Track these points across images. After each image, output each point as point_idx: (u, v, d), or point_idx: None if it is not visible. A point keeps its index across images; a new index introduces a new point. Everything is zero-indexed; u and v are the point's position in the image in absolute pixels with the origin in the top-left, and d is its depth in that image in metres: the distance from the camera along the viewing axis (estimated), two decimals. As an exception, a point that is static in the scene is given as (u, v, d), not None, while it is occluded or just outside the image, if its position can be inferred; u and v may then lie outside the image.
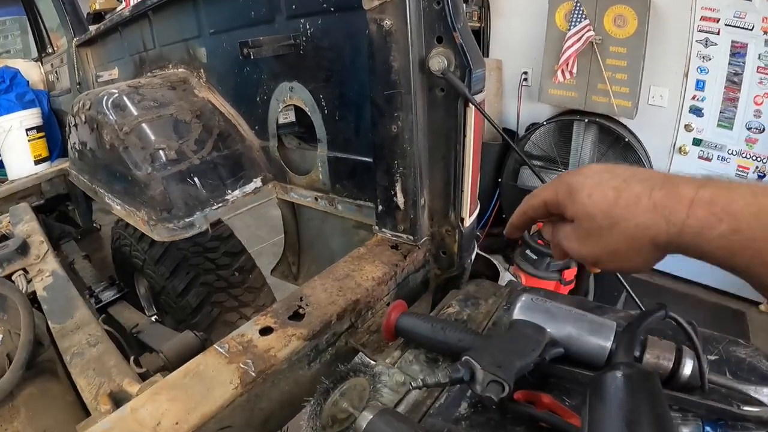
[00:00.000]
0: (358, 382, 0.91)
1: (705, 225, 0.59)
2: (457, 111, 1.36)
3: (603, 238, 0.70)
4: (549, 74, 4.61)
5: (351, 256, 1.49)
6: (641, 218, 0.65)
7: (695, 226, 0.60)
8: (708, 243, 0.59)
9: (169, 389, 0.99)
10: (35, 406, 1.43)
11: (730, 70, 4.03)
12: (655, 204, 0.64)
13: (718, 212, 0.58)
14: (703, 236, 0.59)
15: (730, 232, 0.57)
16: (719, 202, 0.59)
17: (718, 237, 0.58)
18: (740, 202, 0.57)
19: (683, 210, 0.61)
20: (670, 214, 0.62)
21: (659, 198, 0.64)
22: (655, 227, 0.64)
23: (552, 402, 0.91)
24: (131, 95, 2.03)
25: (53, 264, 2.01)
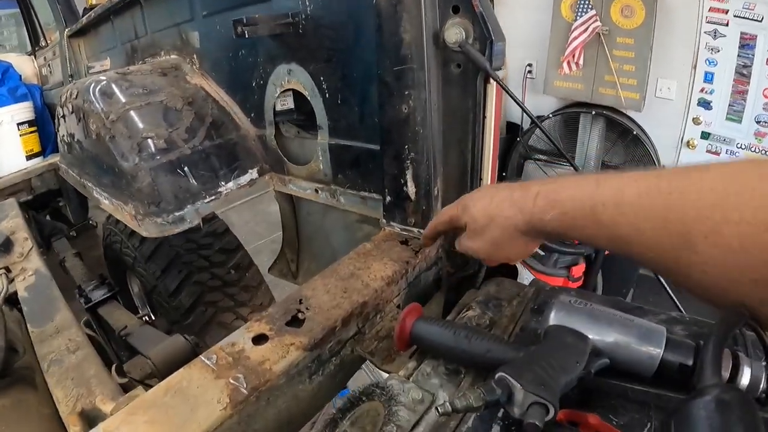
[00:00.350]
0: (371, 407, 0.77)
1: (544, 210, 0.81)
2: (476, 88, 1.24)
3: (485, 232, 0.94)
4: (554, 66, 4.51)
5: (356, 252, 1.35)
6: (506, 213, 0.88)
7: (538, 212, 0.82)
8: (547, 224, 0.81)
9: (147, 409, 0.84)
10: (8, 419, 1.31)
11: (739, 62, 3.90)
12: (514, 201, 0.87)
13: (551, 201, 0.80)
14: (544, 219, 0.81)
15: (560, 214, 0.78)
16: (552, 194, 0.80)
17: (551, 219, 0.80)
18: (565, 193, 0.78)
19: (530, 202, 0.83)
20: (523, 206, 0.85)
21: (517, 196, 0.87)
22: (515, 217, 0.87)
23: (600, 423, 0.78)
24: (119, 82, 1.92)
25: (37, 262, 1.91)
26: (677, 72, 4.13)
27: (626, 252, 0.72)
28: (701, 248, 0.59)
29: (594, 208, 0.72)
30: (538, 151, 4.88)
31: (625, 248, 0.71)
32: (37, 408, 1.33)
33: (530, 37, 4.76)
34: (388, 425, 0.78)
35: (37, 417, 1.31)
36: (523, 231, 0.87)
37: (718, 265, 0.58)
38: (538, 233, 0.86)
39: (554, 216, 0.79)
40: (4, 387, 1.35)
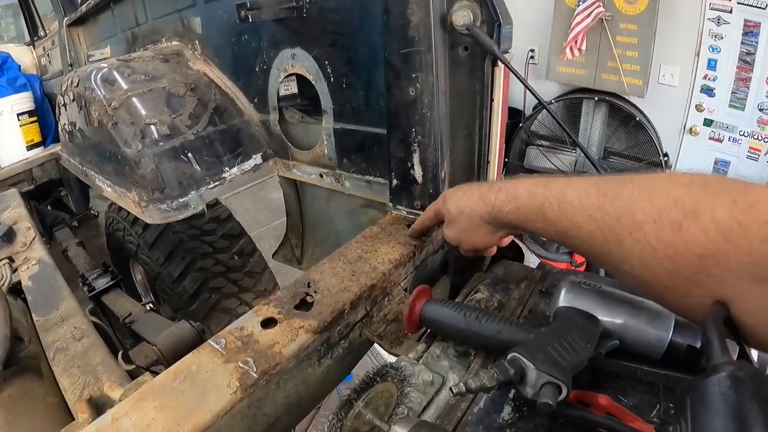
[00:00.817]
0: (385, 388, 0.76)
1: (503, 203, 0.92)
2: (484, 72, 1.23)
3: (457, 222, 1.06)
4: (557, 52, 4.48)
5: (363, 235, 1.33)
6: (473, 205, 1.00)
7: (498, 205, 0.93)
8: (505, 215, 0.93)
9: (156, 394, 0.83)
10: (15, 408, 1.29)
11: (742, 49, 3.87)
12: (481, 195, 0.99)
13: (509, 196, 0.91)
14: (503, 211, 0.93)
15: (516, 208, 0.90)
16: (511, 189, 0.91)
17: (508, 212, 0.91)
18: (521, 189, 0.89)
19: (493, 196, 0.95)
20: (486, 199, 0.96)
21: (483, 191, 0.99)
22: (479, 209, 0.98)
23: (611, 404, 0.78)
24: (121, 69, 1.90)
25: (40, 251, 1.89)
26: (680, 58, 4.10)
27: (569, 245, 0.81)
28: (627, 244, 0.67)
29: (542, 204, 0.82)
30: (541, 137, 4.85)
31: (568, 241, 0.80)
32: (44, 397, 1.32)
33: (532, 23, 4.73)
34: (400, 407, 0.78)
35: (43, 406, 1.30)
36: (486, 221, 0.98)
37: (640, 258, 0.65)
38: (499, 223, 0.97)
39: (510, 209, 0.91)
40: (10, 377, 1.34)
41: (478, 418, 0.82)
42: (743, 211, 0.56)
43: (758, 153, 4.06)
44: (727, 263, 0.57)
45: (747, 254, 0.55)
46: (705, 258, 0.59)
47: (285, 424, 0.99)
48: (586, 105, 4.47)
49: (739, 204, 0.57)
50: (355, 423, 0.70)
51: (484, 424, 0.81)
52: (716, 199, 0.59)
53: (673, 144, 4.38)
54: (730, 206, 0.57)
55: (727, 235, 0.57)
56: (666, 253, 0.62)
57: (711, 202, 0.59)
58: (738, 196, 0.58)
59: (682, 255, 0.61)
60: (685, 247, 0.60)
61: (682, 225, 0.61)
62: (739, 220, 0.56)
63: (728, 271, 0.57)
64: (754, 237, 0.55)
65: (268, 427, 0.93)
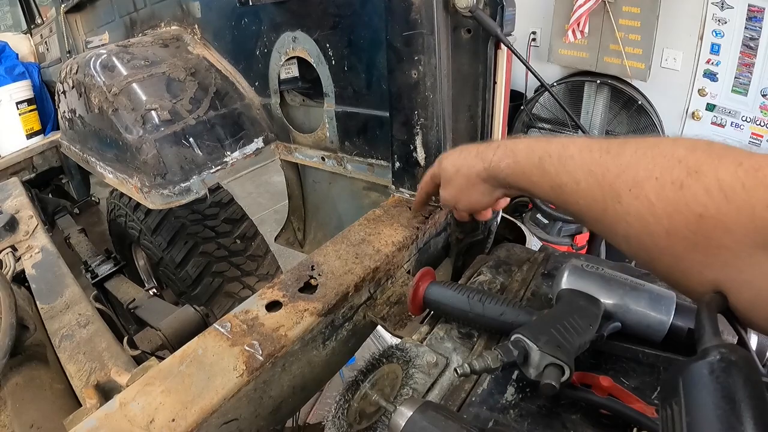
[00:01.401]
0: (390, 370, 0.76)
1: (501, 159, 0.92)
2: (486, 54, 1.23)
3: (454, 181, 1.05)
4: (559, 34, 4.48)
5: (366, 218, 1.33)
6: (470, 162, 0.99)
7: (496, 161, 0.93)
8: (502, 171, 0.92)
9: (164, 379, 0.84)
10: (22, 396, 1.29)
11: (746, 34, 3.87)
12: (479, 152, 0.98)
13: (508, 151, 0.91)
14: (500, 167, 0.92)
15: (513, 162, 0.89)
16: (510, 145, 0.91)
17: (506, 166, 0.90)
18: (520, 146, 0.88)
19: (491, 153, 0.94)
20: (484, 156, 0.96)
21: (481, 149, 0.98)
22: (476, 166, 0.98)
23: (612, 385, 0.78)
24: (120, 55, 1.89)
25: (43, 239, 1.89)
26: (683, 42, 4.10)
27: (564, 200, 0.79)
28: (625, 199, 0.66)
29: (542, 158, 0.82)
30: (542, 119, 4.84)
31: (563, 196, 0.79)
32: (51, 384, 1.33)
33: (534, 4, 4.73)
34: (405, 388, 0.78)
35: (50, 393, 1.30)
36: (483, 178, 0.97)
37: (638, 215, 0.65)
38: (495, 180, 0.96)
39: (508, 164, 0.90)
40: (17, 365, 1.34)
41: (482, 399, 0.83)
42: (749, 173, 0.55)
43: (761, 139, 4.08)
44: (726, 225, 0.56)
45: (749, 218, 0.54)
46: (705, 218, 0.58)
47: (290, 406, 1.00)
48: (588, 88, 4.47)
49: (744, 166, 0.56)
50: (361, 404, 0.70)
51: (488, 404, 0.81)
52: (721, 160, 0.58)
53: (675, 128, 4.40)
54: (735, 167, 0.56)
55: (729, 196, 0.56)
56: (665, 210, 0.61)
57: (715, 163, 0.58)
58: (743, 159, 0.57)
59: (681, 213, 0.60)
60: (685, 205, 0.59)
61: (684, 183, 0.60)
62: (743, 182, 0.55)
63: (727, 234, 0.56)
64: (758, 201, 0.53)
65: (274, 410, 0.94)
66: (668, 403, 0.53)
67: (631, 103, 4.31)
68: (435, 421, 0.64)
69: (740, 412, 0.46)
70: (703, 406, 0.49)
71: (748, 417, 0.45)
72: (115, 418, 0.78)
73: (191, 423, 0.76)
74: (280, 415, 0.98)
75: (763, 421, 0.45)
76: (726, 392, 0.48)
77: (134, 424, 0.76)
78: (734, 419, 0.46)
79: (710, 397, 0.49)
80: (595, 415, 0.77)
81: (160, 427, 0.75)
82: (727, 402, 0.47)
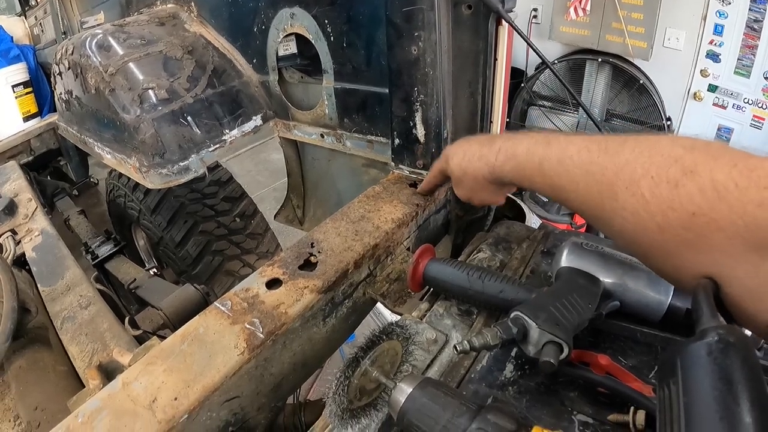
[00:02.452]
0: (390, 346, 0.77)
1: (504, 163, 0.93)
2: (487, 31, 1.21)
3: (463, 182, 1.07)
4: (561, 11, 4.40)
5: (365, 195, 1.33)
6: (475, 165, 1.01)
7: (499, 164, 0.94)
8: (506, 174, 0.94)
9: (165, 358, 0.84)
10: (26, 379, 1.31)
11: (750, 16, 3.80)
12: (481, 155, 0.99)
13: (509, 155, 0.92)
14: (504, 170, 0.94)
15: (515, 165, 0.91)
16: (510, 149, 0.92)
17: (509, 170, 0.92)
18: (520, 148, 0.90)
19: (494, 156, 0.96)
20: (488, 160, 0.97)
21: (484, 152, 0.99)
22: (482, 170, 0.99)
23: (610, 364, 0.78)
24: (116, 34, 1.87)
25: (43, 222, 1.90)
26: (686, 22, 4.03)
27: (564, 199, 0.82)
28: (621, 197, 0.68)
29: (541, 161, 0.83)
30: (542, 97, 4.81)
31: (563, 195, 0.81)
32: (54, 366, 1.34)
33: (536, -19, 4.66)
34: (405, 365, 0.79)
35: (54, 375, 1.31)
36: (489, 180, 0.99)
37: (633, 211, 0.66)
38: (500, 181, 0.98)
39: (511, 167, 0.92)
40: (20, 348, 1.35)
41: (481, 376, 0.83)
42: (743, 174, 0.56)
43: (762, 121, 4.04)
44: (719, 224, 0.57)
45: (740, 216, 0.55)
46: (698, 216, 0.59)
47: (291, 383, 1.00)
48: (589, 66, 4.42)
49: (739, 167, 0.57)
50: (362, 380, 0.71)
51: (487, 381, 0.82)
52: (717, 161, 0.59)
53: (676, 108, 4.35)
54: (729, 168, 0.57)
55: (722, 195, 0.57)
56: (659, 208, 0.62)
57: (711, 163, 0.59)
58: (739, 160, 0.58)
59: (675, 211, 0.61)
60: (679, 203, 0.60)
61: (679, 183, 0.61)
62: (737, 182, 0.56)
63: (720, 232, 0.57)
64: (750, 200, 0.54)
65: (275, 387, 0.95)
66: (666, 383, 0.53)
67: (632, 83, 4.26)
68: (434, 397, 0.65)
69: (737, 393, 0.46)
70: (701, 387, 0.49)
71: (744, 398, 0.46)
72: (119, 398, 0.78)
73: (193, 401, 0.76)
74: (281, 392, 0.98)
75: (759, 402, 0.46)
76: (723, 373, 0.48)
77: (137, 403, 0.77)
78: (731, 400, 0.46)
79: (707, 378, 0.49)
80: (593, 393, 0.78)
81: (163, 406, 0.76)
82: (725, 383, 0.47)
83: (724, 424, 0.45)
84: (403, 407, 0.66)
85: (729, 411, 0.46)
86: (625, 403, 0.73)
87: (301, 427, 1.31)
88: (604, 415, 0.74)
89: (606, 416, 0.73)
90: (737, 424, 0.44)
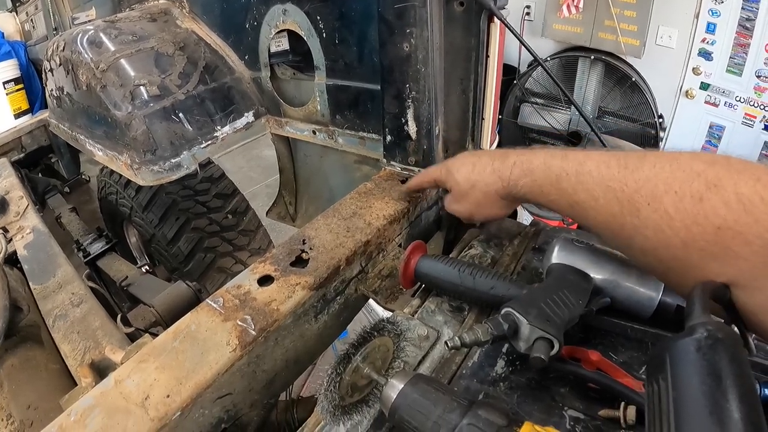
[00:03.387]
0: (382, 343, 0.77)
1: (519, 178, 0.92)
2: (479, 28, 1.21)
3: (469, 196, 1.05)
4: (554, 8, 4.40)
5: (357, 192, 1.33)
6: (487, 180, 0.99)
7: (514, 179, 0.93)
8: (520, 189, 0.93)
9: (158, 355, 0.84)
10: (18, 378, 1.31)
11: (742, 14, 3.82)
12: (494, 169, 0.98)
13: (525, 170, 0.91)
14: (518, 185, 0.93)
15: (531, 181, 0.90)
16: (526, 163, 0.91)
17: (524, 185, 0.91)
18: (536, 162, 0.89)
19: (508, 171, 0.94)
20: (501, 174, 0.96)
21: (497, 166, 0.97)
22: (495, 184, 0.98)
23: (601, 359, 0.79)
24: (108, 30, 1.85)
25: (34, 220, 1.90)
26: (679, 20, 4.05)
27: (582, 216, 0.80)
28: (644, 213, 0.67)
29: (559, 176, 0.82)
30: (535, 94, 4.81)
31: (582, 212, 0.79)
32: (46, 364, 1.34)
33: (529, -22, 4.66)
34: (396, 361, 0.79)
35: (46, 374, 1.31)
36: (501, 195, 0.98)
37: (656, 228, 0.66)
38: (513, 197, 0.97)
39: (525, 182, 0.91)
40: (12, 347, 1.35)
41: (472, 372, 0.84)
42: (767, 188, 0.57)
43: (753, 119, 4.06)
44: (745, 237, 0.57)
45: (767, 229, 0.56)
46: (723, 230, 0.59)
47: (283, 379, 1.01)
48: (582, 63, 4.43)
49: (763, 181, 0.58)
50: (353, 377, 0.71)
51: (478, 377, 0.83)
52: (740, 175, 0.60)
53: (668, 106, 4.37)
54: (753, 182, 0.58)
55: (748, 209, 0.57)
56: (683, 223, 0.62)
57: (735, 178, 0.60)
58: (762, 174, 0.58)
59: (699, 225, 0.61)
60: (704, 217, 0.60)
61: (703, 197, 0.61)
62: (762, 196, 0.57)
63: (746, 246, 0.57)
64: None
65: (267, 383, 0.95)
66: (655, 378, 0.54)
67: (624, 80, 4.27)
68: (426, 393, 0.65)
69: (725, 389, 0.47)
70: (690, 382, 0.49)
71: (732, 394, 0.46)
72: (111, 395, 0.78)
73: (186, 398, 0.76)
74: (273, 389, 0.98)
75: (747, 398, 0.46)
76: (712, 369, 0.49)
77: (130, 401, 0.77)
78: (719, 395, 0.47)
79: (697, 374, 0.49)
80: (584, 389, 0.78)
81: (156, 404, 0.76)
82: (713, 379, 0.48)
83: (714, 419, 0.45)
84: (395, 403, 0.66)
85: (718, 406, 0.46)
86: (615, 399, 0.74)
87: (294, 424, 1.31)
88: (595, 411, 0.74)
89: (597, 412, 0.74)
90: (726, 418, 0.45)
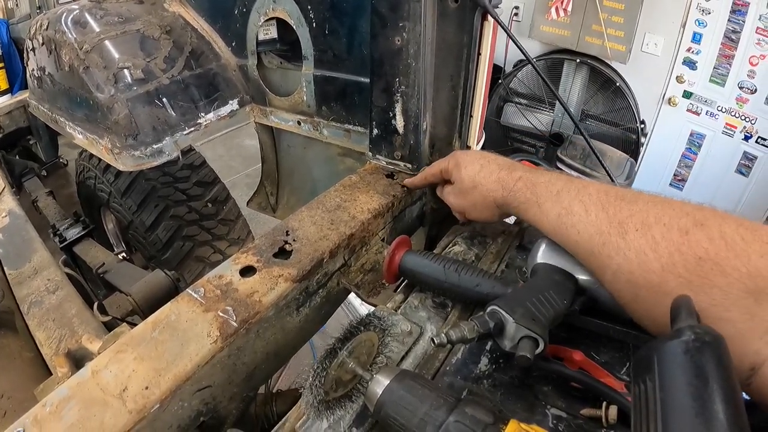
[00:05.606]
0: (368, 338, 0.76)
1: (521, 191, 0.96)
2: (473, 25, 1.20)
3: (468, 195, 1.09)
4: (542, 10, 4.48)
5: (342, 184, 1.32)
6: (490, 186, 1.03)
7: (516, 192, 0.97)
8: (518, 205, 0.97)
9: (136, 345, 0.82)
10: (-9, 366, 1.28)
11: (728, 26, 3.94)
12: (500, 179, 1.02)
13: (529, 184, 0.95)
14: (518, 198, 0.96)
15: (531, 196, 0.93)
16: (532, 180, 0.95)
17: (524, 200, 0.95)
18: (541, 179, 0.94)
19: (512, 183, 0.98)
20: (505, 184, 1.00)
21: (503, 175, 1.02)
22: (496, 192, 1.02)
23: (584, 359, 0.81)
24: (93, 11, 1.82)
25: (10, 203, 1.87)
26: (666, 29, 4.15)
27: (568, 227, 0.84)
28: (630, 236, 0.73)
29: (560, 192, 0.88)
30: (519, 94, 4.85)
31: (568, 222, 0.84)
32: (20, 352, 1.31)
33: (518, -21, 4.70)
34: (380, 356, 0.78)
35: (20, 362, 1.29)
36: (498, 204, 1.03)
37: (639, 250, 0.71)
38: (508, 208, 1.02)
39: (526, 198, 0.95)
40: (-15, 334, 1.33)
41: (456, 369, 0.83)
42: (748, 230, 0.63)
43: (734, 130, 4.19)
44: (723, 269, 0.62)
45: (744, 264, 0.61)
46: (704, 260, 0.64)
47: (264, 372, 0.99)
48: (567, 66, 4.50)
49: (745, 225, 0.64)
50: (338, 372, 0.70)
51: (462, 374, 0.82)
52: (724, 218, 0.67)
53: (650, 112, 4.49)
54: (736, 225, 0.65)
55: (730, 245, 0.63)
56: (668, 249, 0.68)
57: (720, 220, 0.66)
58: (744, 221, 0.65)
59: (682, 254, 0.66)
60: (688, 247, 0.66)
61: (690, 231, 0.67)
62: (743, 236, 0.63)
63: (723, 277, 0.62)
64: (754, 251, 0.61)
65: (247, 376, 0.93)
66: (642, 379, 0.54)
67: (608, 85, 4.35)
68: (412, 389, 0.65)
69: (712, 391, 0.47)
70: (677, 384, 0.50)
71: (719, 395, 0.47)
72: (88, 386, 0.76)
73: (165, 390, 0.75)
74: (253, 382, 0.97)
75: (732, 400, 0.47)
76: (699, 371, 0.49)
77: (107, 392, 0.75)
78: (706, 396, 0.47)
79: (684, 375, 0.49)
80: (566, 388, 0.79)
81: (134, 395, 0.74)
82: (701, 380, 0.48)
83: (700, 420, 0.46)
84: (381, 399, 0.66)
85: (705, 407, 0.47)
86: (597, 398, 0.74)
87: (273, 417, 1.30)
88: (577, 410, 0.74)
89: (579, 410, 0.74)
90: (712, 419, 0.46)
